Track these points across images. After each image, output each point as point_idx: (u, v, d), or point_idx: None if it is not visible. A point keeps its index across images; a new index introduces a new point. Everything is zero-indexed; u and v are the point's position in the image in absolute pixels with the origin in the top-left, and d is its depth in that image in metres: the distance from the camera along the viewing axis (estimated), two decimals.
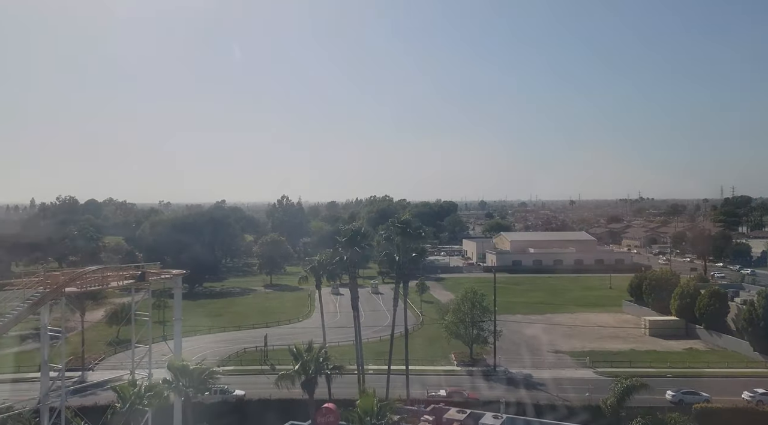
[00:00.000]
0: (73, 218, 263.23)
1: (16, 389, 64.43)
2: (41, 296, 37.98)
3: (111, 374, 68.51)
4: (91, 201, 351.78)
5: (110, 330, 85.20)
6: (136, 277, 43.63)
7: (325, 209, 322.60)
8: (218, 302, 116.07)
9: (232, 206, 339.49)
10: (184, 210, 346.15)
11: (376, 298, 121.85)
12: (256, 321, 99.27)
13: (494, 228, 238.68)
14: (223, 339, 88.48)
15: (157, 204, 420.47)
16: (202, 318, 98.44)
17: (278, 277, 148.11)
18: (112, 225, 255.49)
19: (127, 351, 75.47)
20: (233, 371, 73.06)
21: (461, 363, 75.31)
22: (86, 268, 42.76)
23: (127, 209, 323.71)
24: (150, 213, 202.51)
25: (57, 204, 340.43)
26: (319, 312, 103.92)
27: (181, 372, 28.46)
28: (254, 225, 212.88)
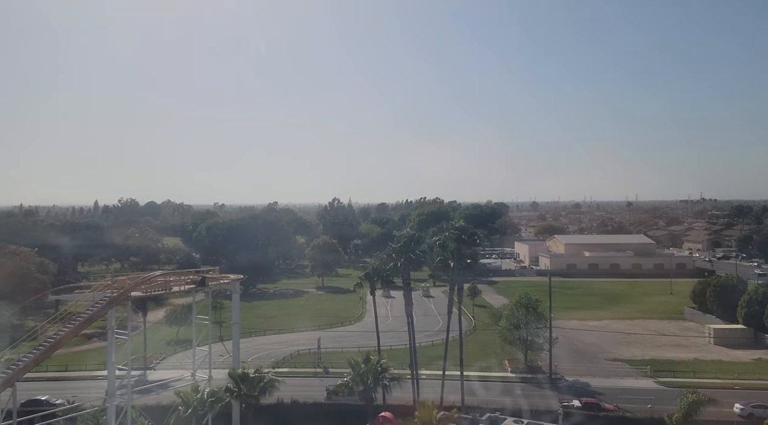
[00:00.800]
0: (134, 219, 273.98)
1: (83, 386, 67.26)
2: (109, 300, 39.56)
3: (171, 373, 70.83)
4: (150, 203, 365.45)
5: (170, 330, 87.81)
6: (197, 282, 44.87)
7: (375, 211, 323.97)
8: (272, 304, 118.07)
9: (284, 207, 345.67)
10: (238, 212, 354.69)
11: (427, 301, 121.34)
12: (309, 323, 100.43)
13: (547, 230, 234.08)
14: (277, 341, 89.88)
15: (212, 206, 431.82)
16: (257, 320, 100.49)
17: (330, 279, 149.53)
18: (169, 227, 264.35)
19: (186, 351, 77.86)
20: (287, 373, 73.96)
21: (515, 370, 74.00)
22: (151, 273, 44.23)
23: (184, 210, 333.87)
24: (206, 216, 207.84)
25: (119, 206, 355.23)
26: (370, 315, 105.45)
27: (242, 379, 28.96)
28: (306, 227, 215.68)
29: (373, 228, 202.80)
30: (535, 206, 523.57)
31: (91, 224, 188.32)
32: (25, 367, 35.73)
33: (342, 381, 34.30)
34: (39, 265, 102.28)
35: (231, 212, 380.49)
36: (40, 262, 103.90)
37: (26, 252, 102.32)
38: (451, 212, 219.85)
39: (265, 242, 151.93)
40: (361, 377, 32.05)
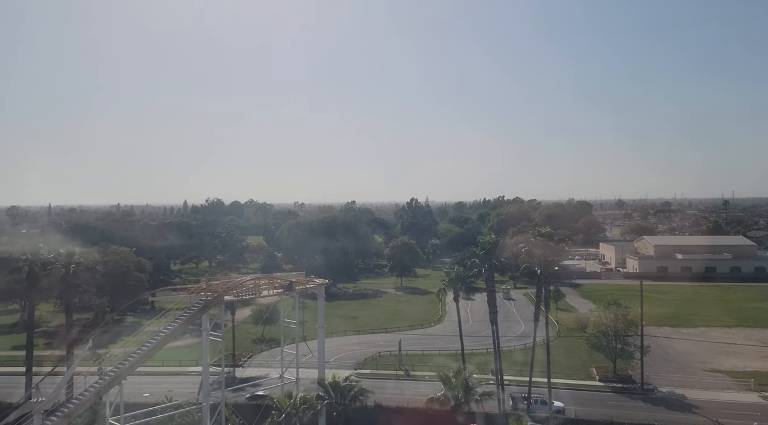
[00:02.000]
0: (219, 219, 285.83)
1: (177, 381, 70.79)
2: (205, 303, 41.32)
3: (259, 371, 73.26)
4: (234, 203, 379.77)
5: (256, 328, 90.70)
6: (284, 286, 46.05)
7: (453, 210, 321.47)
8: (352, 304, 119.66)
9: (362, 206, 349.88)
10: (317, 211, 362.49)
11: (508, 304, 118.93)
12: (389, 324, 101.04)
13: (635, 230, 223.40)
14: (358, 342, 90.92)
15: (293, 205, 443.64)
16: (338, 320, 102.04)
17: (408, 280, 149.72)
18: (252, 226, 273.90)
19: (271, 350, 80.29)
20: (369, 374, 74.67)
21: (604, 379, 71.07)
22: (242, 278, 45.79)
23: (265, 209, 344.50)
24: (288, 216, 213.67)
25: (206, 206, 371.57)
26: (450, 317, 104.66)
27: (333, 387, 29.38)
28: (384, 227, 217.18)
29: (451, 228, 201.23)
30: (621, 205, 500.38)
31: (181, 224, 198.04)
32: (131, 366, 37.92)
33: (434, 396, 34.05)
34: (137, 264, 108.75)
35: (310, 211, 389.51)
36: (138, 261, 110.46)
37: (125, 252, 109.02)
38: (532, 211, 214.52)
39: (344, 242, 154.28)
40: (452, 392, 31.66)
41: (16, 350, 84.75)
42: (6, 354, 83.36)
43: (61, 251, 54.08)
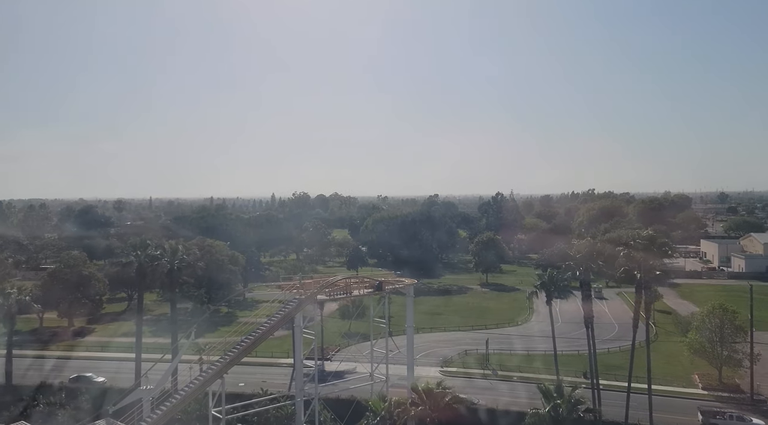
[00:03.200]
0: (306, 212, 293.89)
1: (270, 372, 73.43)
2: (299, 302, 42.53)
3: (347, 366, 74.56)
4: (319, 196, 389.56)
5: (343, 323, 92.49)
6: (374, 286, 46.57)
7: (539, 204, 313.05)
8: (436, 300, 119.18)
9: (445, 200, 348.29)
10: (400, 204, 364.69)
11: (600, 303, 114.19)
12: (474, 321, 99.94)
13: (740, 227, 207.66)
14: (443, 339, 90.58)
15: (376, 198, 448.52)
16: (422, 316, 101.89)
17: (494, 276, 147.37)
18: (337, 219, 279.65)
19: (358, 345, 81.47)
20: (455, 373, 74.35)
21: (708, 387, 66.83)
22: (334, 277, 46.72)
23: (350, 203, 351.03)
24: (372, 210, 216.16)
25: (293, 199, 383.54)
26: (538, 317, 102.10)
27: (426, 393, 29.35)
28: (468, 221, 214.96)
29: (537, 223, 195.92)
30: (724, 198, 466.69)
31: (271, 218, 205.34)
32: (232, 360, 39.67)
33: (534, 411, 33.26)
34: (231, 257, 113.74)
35: (393, 204, 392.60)
36: (232, 254, 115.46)
37: (220, 246, 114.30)
38: (625, 206, 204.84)
39: (428, 236, 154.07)
40: (554, 408, 30.72)
41: (124, 336, 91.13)
42: (116, 340, 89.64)
43: (166, 249, 57.52)
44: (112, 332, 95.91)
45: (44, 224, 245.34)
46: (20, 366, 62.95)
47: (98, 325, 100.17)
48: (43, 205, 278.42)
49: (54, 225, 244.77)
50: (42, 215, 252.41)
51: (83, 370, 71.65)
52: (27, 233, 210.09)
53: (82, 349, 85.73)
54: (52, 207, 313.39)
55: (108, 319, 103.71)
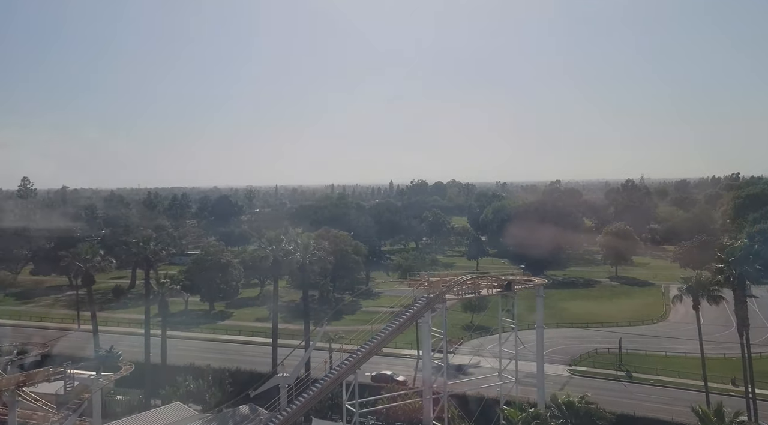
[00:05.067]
0: (423, 200, 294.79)
1: (395, 363, 74.68)
2: (427, 301, 42.58)
3: (471, 359, 74.03)
4: (437, 183, 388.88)
5: (465, 315, 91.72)
6: (503, 286, 45.54)
7: (674, 190, 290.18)
8: (561, 294, 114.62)
9: (567, 186, 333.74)
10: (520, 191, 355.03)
11: (750, 302, 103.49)
12: (604, 318, 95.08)
13: None
14: (571, 336, 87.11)
15: (494, 185, 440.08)
16: (547, 310, 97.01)
17: (624, 269, 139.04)
18: (455, 206, 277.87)
19: (481, 338, 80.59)
20: (585, 373, 71.31)
21: None
22: (462, 277, 46.28)
23: (468, 190, 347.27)
24: (492, 198, 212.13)
25: (411, 187, 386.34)
26: (676, 314, 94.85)
27: (567, 407, 28.18)
28: (593, 209, 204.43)
29: (673, 212, 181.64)
30: None
31: (390, 207, 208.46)
32: (364, 356, 40.64)
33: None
34: (354, 247, 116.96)
35: (513, 190, 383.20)
36: (354, 244, 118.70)
37: (344, 236, 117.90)
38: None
39: (552, 226, 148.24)
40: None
41: (259, 321, 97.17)
42: (251, 324, 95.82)
43: (299, 243, 60.25)
44: (247, 316, 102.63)
45: (185, 212, 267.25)
46: (172, 347, 69.04)
47: (235, 310, 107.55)
48: (185, 194, 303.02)
49: (193, 213, 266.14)
50: (183, 203, 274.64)
51: (226, 353, 77.53)
52: (171, 220, 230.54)
53: (221, 332, 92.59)
54: (191, 195, 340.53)
55: (243, 304, 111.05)
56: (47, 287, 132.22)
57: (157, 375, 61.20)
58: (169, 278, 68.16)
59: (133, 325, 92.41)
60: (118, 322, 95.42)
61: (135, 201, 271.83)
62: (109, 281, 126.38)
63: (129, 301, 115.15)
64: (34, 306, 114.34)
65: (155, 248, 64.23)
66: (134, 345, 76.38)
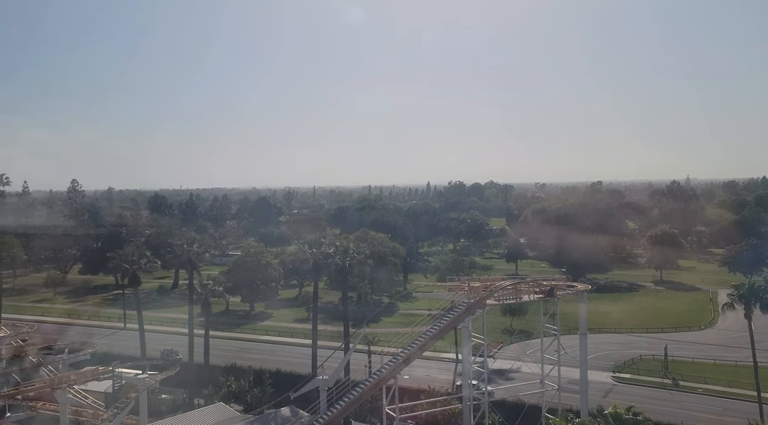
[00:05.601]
0: (461, 201, 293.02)
1: (432, 366, 74.23)
2: (467, 306, 42.26)
3: (510, 364, 73.07)
4: (475, 184, 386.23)
5: (504, 318, 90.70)
6: (545, 292, 44.85)
7: (722, 191, 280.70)
8: (604, 298, 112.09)
9: (609, 186, 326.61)
10: (559, 192, 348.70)
11: None
12: (649, 323, 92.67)
13: None
14: (614, 341, 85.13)
15: (533, 186, 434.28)
16: (589, 315, 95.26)
17: (669, 273, 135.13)
18: (493, 208, 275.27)
19: (521, 343, 79.47)
20: (629, 380, 69.62)
21: None
22: (503, 282, 45.73)
23: (506, 191, 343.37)
24: (531, 200, 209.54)
25: (447, 188, 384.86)
26: (725, 321, 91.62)
27: (614, 418, 27.48)
28: (637, 211, 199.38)
29: (722, 214, 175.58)
30: None
31: (428, 208, 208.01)
32: (404, 361, 40.59)
33: None
34: (392, 249, 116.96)
35: (552, 190, 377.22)
36: (392, 246, 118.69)
37: (382, 238, 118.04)
38: None
39: (594, 228, 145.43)
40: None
41: (297, 322, 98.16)
42: (290, 325, 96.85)
43: (338, 246, 60.62)
44: (286, 317, 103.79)
45: (225, 213, 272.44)
46: (214, 347, 70.41)
47: (274, 310, 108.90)
48: (225, 195, 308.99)
49: (233, 214, 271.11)
50: (224, 204, 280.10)
51: (266, 353, 78.64)
52: (212, 221, 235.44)
53: (261, 332, 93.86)
54: (231, 196, 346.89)
55: (282, 305, 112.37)
56: (94, 286, 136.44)
57: (200, 374, 62.42)
58: (211, 280, 69.58)
59: (176, 324, 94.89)
60: (162, 321, 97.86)
61: (177, 202, 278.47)
62: (153, 281, 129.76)
63: (172, 301, 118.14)
64: (82, 305, 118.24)
65: (198, 251, 65.59)
66: (177, 345, 78.27)
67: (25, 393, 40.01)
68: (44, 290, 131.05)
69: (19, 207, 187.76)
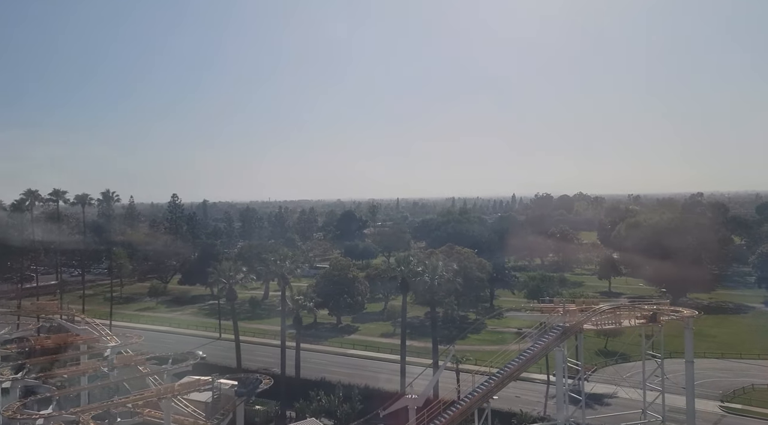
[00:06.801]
0: (548, 213, 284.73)
1: (522, 387, 71.87)
2: (562, 331, 40.74)
3: (606, 388, 69.83)
4: (563, 196, 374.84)
5: (598, 339, 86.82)
6: (647, 317, 42.53)
7: None
8: (708, 319, 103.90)
9: (710, 198, 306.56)
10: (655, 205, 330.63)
11: None
12: (761, 349, 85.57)
13: None
14: (721, 368, 79.26)
15: (626, 197, 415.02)
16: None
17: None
18: (583, 221, 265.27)
19: (617, 366, 75.64)
20: (740, 411, 64.40)
21: None
22: (601, 306, 43.84)
23: (597, 203, 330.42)
24: (624, 213, 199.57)
25: (534, 200, 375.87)
26: None
27: None
28: (743, 225, 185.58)
29: None
30: None
31: (513, 221, 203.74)
32: (496, 385, 39.74)
33: None
34: (478, 264, 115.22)
35: (647, 203, 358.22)
36: (479, 261, 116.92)
37: (468, 253, 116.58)
38: None
39: (696, 244, 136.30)
40: None
41: (384, 337, 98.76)
42: (376, 339, 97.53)
43: (427, 265, 60.49)
44: (373, 331, 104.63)
45: (312, 225, 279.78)
46: (303, 359, 72.06)
47: (361, 324, 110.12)
48: (312, 209, 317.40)
49: (320, 226, 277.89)
50: (310, 217, 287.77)
51: (354, 368, 79.52)
52: (300, 233, 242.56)
53: (348, 346, 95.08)
54: (317, 209, 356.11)
55: (368, 318, 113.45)
56: (192, 296, 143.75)
57: (291, 387, 64.02)
58: (302, 295, 71.42)
59: (267, 336, 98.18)
60: (254, 333, 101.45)
61: (266, 214, 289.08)
62: (245, 292, 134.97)
63: (263, 312, 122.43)
64: (181, 314, 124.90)
65: (291, 267, 67.60)
66: (269, 356, 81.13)
67: (135, 401, 42.54)
68: (147, 299, 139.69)
69: (126, 220, 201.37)
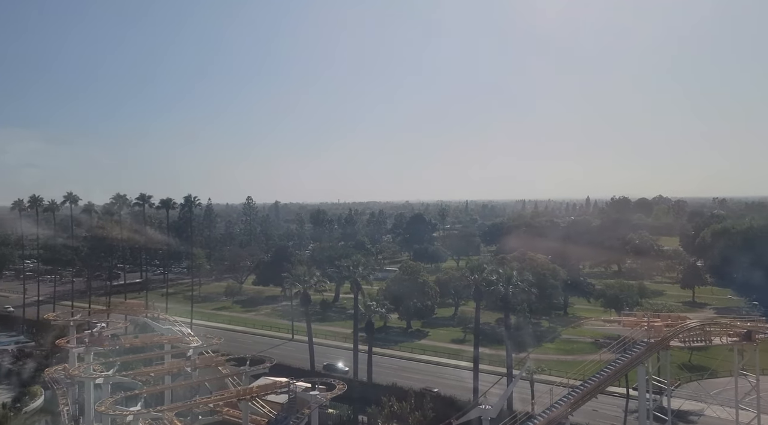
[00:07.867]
0: (626, 218, 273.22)
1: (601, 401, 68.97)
2: (647, 347, 38.96)
3: (691, 405, 66.16)
4: (641, 200, 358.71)
5: (681, 352, 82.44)
6: (741, 335, 39.98)
7: None
8: None
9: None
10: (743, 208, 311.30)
11: None
12: None
13: None
14: None
15: (710, 201, 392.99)
16: None
17: None
18: (663, 226, 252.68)
19: (702, 381, 71.54)
20: None
21: None
22: (689, 322, 41.65)
23: (679, 207, 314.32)
24: (709, 219, 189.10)
25: (610, 203, 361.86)
26: None
27: None
28: None
29: None
30: None
31: (588, 225, 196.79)
32: (577, 400, 38.47)
33: None
34: (552, 271, 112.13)
35: (733, 207, 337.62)
36: (552, 268, 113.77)
37: (542, 259, 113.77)
38: None
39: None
40: None
41: (453, 343, 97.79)
42: (446, 345, 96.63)
43: (501, 274, 59.45)
44: (443, 337, 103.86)
45: (381, 227, 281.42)
46: (374, 363, 72.47)
47: (431, 329, 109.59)
48: (381, 211, 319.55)
49: (389, 229, 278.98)
50: (380, 219, 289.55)
51: (424, 373, 79.24)
52: (369, 236, 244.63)
53: (419, 351, 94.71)
54: (386, 211, 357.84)
55: (438, 323, 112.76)
56: (266, 297, 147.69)
57: (363, 391, 64.55)
58: (374, 300, 71.88)
59: (338, 338, 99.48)
60: (326, 335, 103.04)
61: (336, 216, 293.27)
62: (316, 294, 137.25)
63: (334, 314, 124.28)
64: (255, 315, 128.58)
65: (363, 273, 68.21)
66: (340, 358, 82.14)
67: (216, 401, 44.19)
68: (224, 299, 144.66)
69: (204, 221, 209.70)
